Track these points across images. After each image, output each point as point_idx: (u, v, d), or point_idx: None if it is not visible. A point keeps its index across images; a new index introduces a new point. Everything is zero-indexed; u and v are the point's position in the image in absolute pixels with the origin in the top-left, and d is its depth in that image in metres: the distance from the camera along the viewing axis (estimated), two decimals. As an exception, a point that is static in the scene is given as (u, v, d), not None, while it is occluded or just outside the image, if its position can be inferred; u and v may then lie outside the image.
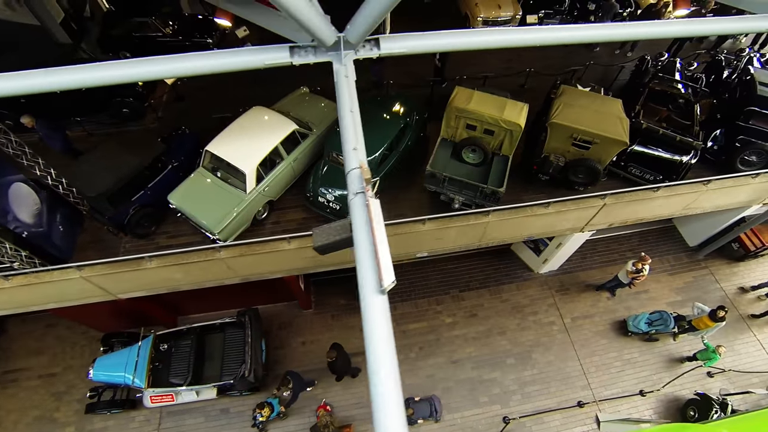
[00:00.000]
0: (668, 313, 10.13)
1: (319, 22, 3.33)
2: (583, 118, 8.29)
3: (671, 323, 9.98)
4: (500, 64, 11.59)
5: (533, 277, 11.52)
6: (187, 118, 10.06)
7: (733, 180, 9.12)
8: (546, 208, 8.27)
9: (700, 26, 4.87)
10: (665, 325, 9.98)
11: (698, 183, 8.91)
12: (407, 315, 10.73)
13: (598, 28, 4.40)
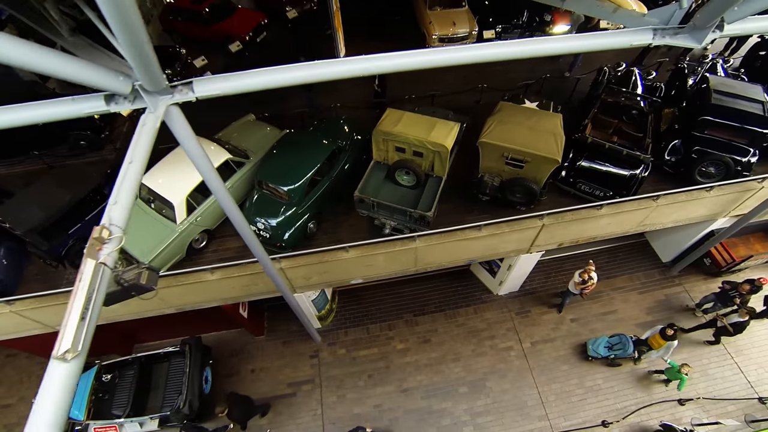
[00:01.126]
0: (627, 337, 9.54)
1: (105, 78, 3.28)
2: (514, 136, 8.03)
3: (630, 347, 9.39)
4: (457, 80, 11.45)
5: (492, 299, 11.10)
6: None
7: (686, 194, 8.61)
8: (478, 231, 7.97)
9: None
10: (624, 349, 9.39)
11: (647, 199, 8.44)
12: (359, 341, 10.47)
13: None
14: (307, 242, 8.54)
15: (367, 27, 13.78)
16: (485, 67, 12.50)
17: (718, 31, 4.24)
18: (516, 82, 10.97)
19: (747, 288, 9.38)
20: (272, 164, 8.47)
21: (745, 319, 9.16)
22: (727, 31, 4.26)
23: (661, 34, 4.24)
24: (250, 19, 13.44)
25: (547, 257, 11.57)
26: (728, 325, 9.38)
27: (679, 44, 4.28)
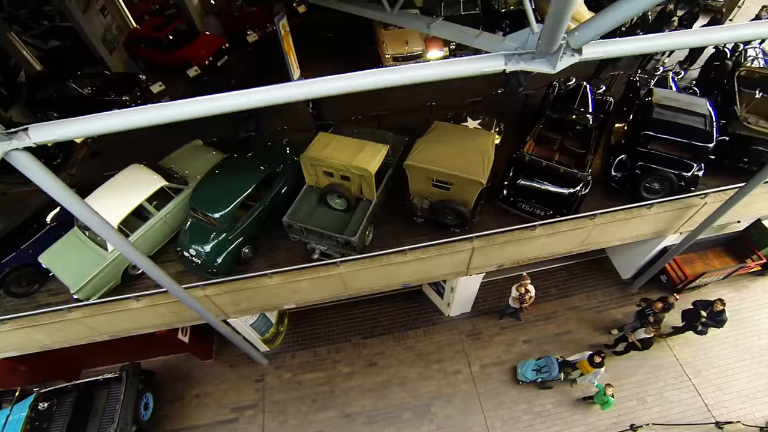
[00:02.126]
0: (553, 359, 9.26)
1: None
2: (440, 158, 7.93)
3: (555, 370, 9.08)
4: (412, 97, 11.44)
5: (444, 320, 10.87)
6: (99, 175, 10.22)
7: (625, 212, 8.37)
8: (404, 256, 7.84)
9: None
10: (550, 372, 9.08)
11: (584, 218, 8.23)
12: (305, 364, 10.32)
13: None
14: (243, 267, 8.50)
15: (326, 48, 13.96)
16: (440, 84, 12.56)
17: (577, 54, 4.14)
18: (467, 99, 10.89)
19: (659, 306, 9.20)
20: (203, 190, 8.50)
21: (651, 335, 9.07)
22: (586, 55, 4.16)
23: (515, 59, 4.15)
24: (211, 44, 13.70)
25: (500, 276, 11.34)
26: (636, 341, 9.27)
27: (534, 69, 4.19)
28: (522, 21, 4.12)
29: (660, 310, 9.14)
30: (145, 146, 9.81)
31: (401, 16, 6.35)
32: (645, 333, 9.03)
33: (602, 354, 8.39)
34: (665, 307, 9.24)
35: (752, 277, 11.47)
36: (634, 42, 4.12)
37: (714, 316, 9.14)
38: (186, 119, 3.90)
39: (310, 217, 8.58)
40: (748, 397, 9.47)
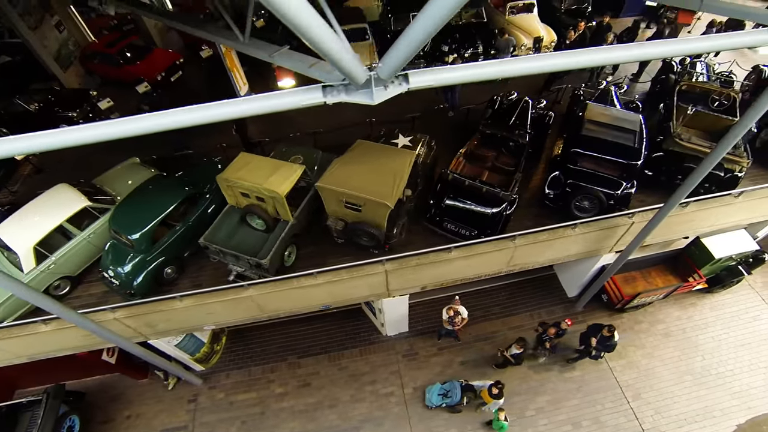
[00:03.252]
0: (456, 383, 9.06)
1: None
2: (351, 179, 7.80)
3: (458, 395, 8.85)
4: (359, 113, 11.31)
5: (381, 340, 10.68)
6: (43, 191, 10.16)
7: (548, 233, 8.15)
8: (314, 279, 7.70)
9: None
10: (453, 397, 8.85)
11: (504, 239, 8.04)
12: (239, 384, 10.16)
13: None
14: (167, 288, 8.42)
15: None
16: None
17: (405, 83, 3.97)
18: (407, 115, 10.77)
19: (553, 332, 9.08)
20: (122, 211, 8.43)
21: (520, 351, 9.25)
22: (415, 84, 4.00)
23: (335, 91, 3.99)
24: (165, 59, 13.74)
25: (442, 294, 11.11)
26: (509, 356, 9.36)
27: (356, 101, 4.02)
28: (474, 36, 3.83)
29: (554, 335, 9.02)
30: (89, 162, 9.89)
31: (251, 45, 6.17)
32: (516, 349, 9.08)
33: (500, 385, 8.20)
34: (558, 333, 9.12)
35: (700, 294, 11.18)
36: (462, 70, 3.95)
37: (603, 341, 8.95)
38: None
39: (231, 237, 8.48)
40: (686, 421, 9.18)
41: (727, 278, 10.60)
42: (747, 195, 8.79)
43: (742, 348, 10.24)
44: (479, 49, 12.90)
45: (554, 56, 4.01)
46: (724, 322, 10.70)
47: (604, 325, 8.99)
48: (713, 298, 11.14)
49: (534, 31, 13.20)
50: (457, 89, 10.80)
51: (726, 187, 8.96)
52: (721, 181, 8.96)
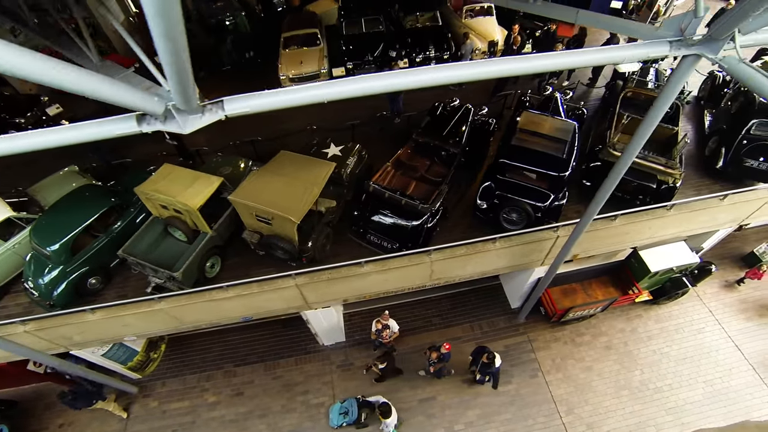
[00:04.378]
0: (353, 400, 8.96)
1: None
2: (263, 192, 7.70)
3: (355, 413, 8.72)
4: (309, 118, 11.24)
5: (318, 349, 10.60)
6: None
7: (467, 248, 7.98)
8: (225, 292, 7.63)
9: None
10: (351, 414, 8.73)
11: (420, 254, 7.88)
12: (173, 392, 10.15)
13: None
14: (90, 299, 8.40)
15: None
16: (332, 106, 12.07)
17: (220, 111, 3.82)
18: (348, 122, 10.63)
19: (435, 356, 8.85)
20: (43, 222, 8.38)
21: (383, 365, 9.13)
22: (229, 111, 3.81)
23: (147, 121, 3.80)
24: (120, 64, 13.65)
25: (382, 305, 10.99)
26: (377, 370, 9.29)
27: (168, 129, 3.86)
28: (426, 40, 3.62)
29: (436, 359, 8.85)
30: (34, 169, 9.69)
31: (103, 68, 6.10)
32: (381, 364, 8.98)
33: (384, 406, 8.09)
34: (440, 357, 8.90)
35: (647, 306, 10.95)
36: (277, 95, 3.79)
37: (484, 368, 8.79)
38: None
39: (154, 248, 8.46)
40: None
41: (672, 290, 10.34)
42: (679, 208, 8.54)
43: (683, 362, 10.00)
44: (431, 54, 12.68)
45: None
46: (668, 334, 10.46)
47: (486, 350, 8.78)
48: (660, 310, 10.90)
49: (488, 35, 12.93)
50: (401, 95, 10.59)
51: (662, 199, 8.73)
52: (656, 192, 8.73)
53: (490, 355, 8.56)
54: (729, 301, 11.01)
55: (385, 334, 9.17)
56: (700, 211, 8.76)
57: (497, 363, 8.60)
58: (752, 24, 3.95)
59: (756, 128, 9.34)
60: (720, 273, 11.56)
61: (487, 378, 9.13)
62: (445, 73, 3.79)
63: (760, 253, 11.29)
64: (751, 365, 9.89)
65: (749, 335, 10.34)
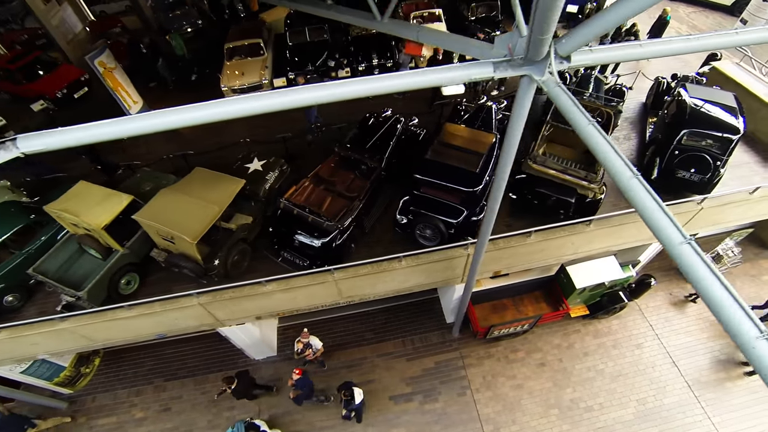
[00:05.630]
0: (241, 423, 8.78)
1: None
2: (167, 210, 7.65)
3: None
4: (249, 129, 11.18)
5: (249, 363, 10.51)
6: None
7: (373, 266, 7.82)
8: (129, 311, 7.57)
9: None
10: None
11: (323, 273, 7.75)
12: (102, 408, 10.12)
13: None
14: (11, 315, 8.40)
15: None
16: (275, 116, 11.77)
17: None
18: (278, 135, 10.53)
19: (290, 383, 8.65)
20: (-43, 239, 8.41)
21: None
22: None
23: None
24: (68, 75, 13.74)
25: (317, 318, 10.90)
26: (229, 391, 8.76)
27: None
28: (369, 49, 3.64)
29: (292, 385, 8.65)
30: None
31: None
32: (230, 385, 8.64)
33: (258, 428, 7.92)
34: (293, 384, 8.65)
35: (586, 321, 10.67)
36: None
37: (347, 404, 8.52)
38: None
39: (69, 265, 8.46)
40: (541, 460, 8.77)
41: (609, 305, 10.07)
42: (599, 223, 8.30)
43: (617, 379, 9.74)
44: (374, 63, 12.53)
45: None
46: (606, 350, 10.20)
47: (347, 385, 8.56)
48: (600, 325, 10.62)
49: (434, 42, 12.72)
50: (313, 108, 10.40)
51: (585, 213, 8.49)
52: (579, 206, 8.48)
53: (347, 392, 8.34)
54: (671, 314, 10.70)
55: (308, 353, 9.04)
56: (624, 225, 8.51)
57: (357, 399, 8.29)
58: (565, 46, 3.80)
59: (687, 138, 9.07)
60: (665, 285, 11.27)
61: (353, 413, 8.77)
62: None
63: (706, 265, 10.93)
64: (687, 382, 9.60)
65: (687, 351, 10.04)
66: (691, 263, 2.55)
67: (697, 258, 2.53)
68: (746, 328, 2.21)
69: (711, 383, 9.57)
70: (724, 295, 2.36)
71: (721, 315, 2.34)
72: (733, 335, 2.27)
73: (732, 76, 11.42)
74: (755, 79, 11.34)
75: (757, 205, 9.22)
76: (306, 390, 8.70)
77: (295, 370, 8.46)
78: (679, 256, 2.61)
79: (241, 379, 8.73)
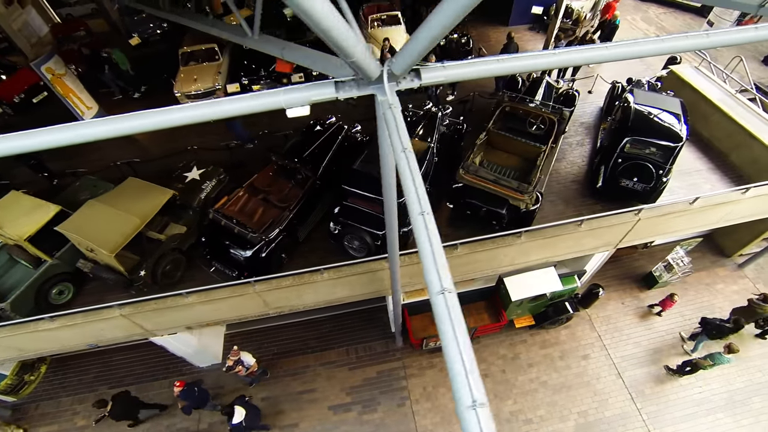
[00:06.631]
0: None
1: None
2: (90, 222, 7.62)
3: None
4: (199, 137, 11.12)
5: (193, 371, 10.49)
6: None
7: (295, 278, 7.72)
8: (51, 323, 7.57)
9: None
10: None
11: (244, 284, 7.68)
12: (44, 416, 10.14)
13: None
14: None
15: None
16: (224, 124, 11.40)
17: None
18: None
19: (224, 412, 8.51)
20: None
21: None
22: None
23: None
24: (27, 79, 13.72)
25: (266, 325, 10.85)
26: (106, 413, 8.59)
27: None
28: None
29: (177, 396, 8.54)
30: None
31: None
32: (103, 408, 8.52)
33: None
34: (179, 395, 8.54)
35: (533, 331, 10.52)
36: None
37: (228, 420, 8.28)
38: None
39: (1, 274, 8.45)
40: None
41: (554, 315, 9.91)
42: (532, 235, 8.15)
43: (561, 390, 9.59)
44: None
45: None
46: (551, 362, 10.05)
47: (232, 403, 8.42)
48: (548, 335, 10.47)
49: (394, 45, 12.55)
50: (235, 120, 10.28)
51: (520, 224, 8.33)
52: (512, 218, 8.32)
53: (225, 409, 8.25)
54: (622, 324, 10.52)
55: (239, 370, 8.96)
56: (560, 237, 8.35)
57: (235, 419, 8.01)
58: (396, 65, 3.68)
59: (630, 146, 8.88)
60: (618, 295, 11.09)
61: None
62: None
63: (657, 274, 10.74)
64: (630, 394, 9.43)
65: (634, 362, 9.87)
66: (440, 314, 2.45)
67: (446, 312, 2.42)
68: (463, 395, 2.12)
69: (654, 395, 9.40)
70: (456, 356, 2.28)
71: (451, 373, 2.25)
72: (455, 397, 2.18)
73: (689, 81, 11.18)
74: (712, 84, 11.09)
75: (703, 215, 9.00)
76: (192, 401, 8.57)
77: (176, 383, 8.40)
78: (434, 304, 2.51)
79: (117, 402, 8.60)
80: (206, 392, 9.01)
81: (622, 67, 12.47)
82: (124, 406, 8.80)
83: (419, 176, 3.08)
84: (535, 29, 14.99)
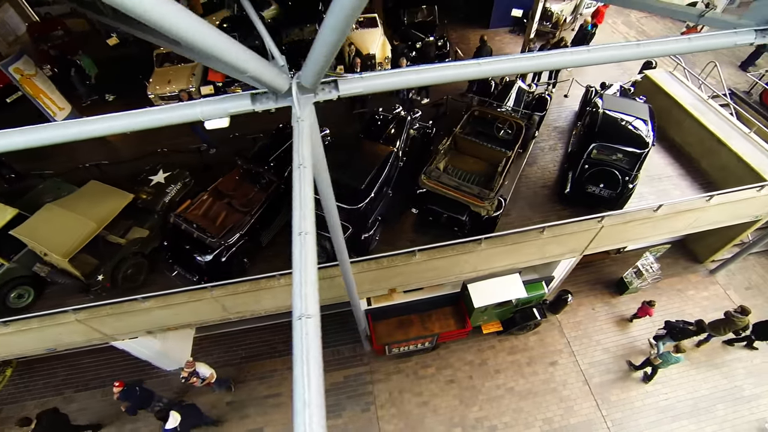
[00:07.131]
0: None
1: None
2: (45, 226, 7.58)
3: None
4: (170, 139, 11.06)
5: (160, 374, 10.44)
6: None
7: (252, 284, 7.68)
8: (6, 327, 7.52)
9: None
10: None
11: (202, 290, 7.63)
12: (8, 420, 10.05)
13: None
14: None
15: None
16: None
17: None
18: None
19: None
20: None
21: None
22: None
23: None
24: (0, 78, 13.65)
25: (236, 328, 10.81)
26: None
27: None
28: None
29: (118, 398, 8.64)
30: None
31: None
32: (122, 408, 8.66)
33: None
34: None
35: (501, 337, 10.48)
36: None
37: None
38: None
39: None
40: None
41: (522, 321, 9.86)
42: (493, 242, 8.10)
43: (527, 397, 9.55)
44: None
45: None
46: (519, 368, 10.00)
47: (172, 408, 8.40)
48: (517, 341, 10.43)
49: (365, 48, 12.52)
50: (198, 125, 10.20)
51: (482, 230, 8.28)
52: (474, 224, 8.27)
53: (159, 414, 8.23)
54: (591, 331, 10.48)
55: (194, 381, 8.87)
56: (522, 243, 8.30)
57: (169, 424, 7.85)
58: (304, 77, 3.63)
59: (597, 152, 8.83)
60: (589, 301, 11.04)
61: None
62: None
63: (628, 280, 10.70)
64: (596, 401, 9.39)
65: (601, 369, 9.83)
66: (297, 340, 2.41)
67: (300, 338, 2.40)
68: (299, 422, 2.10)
69: (620, 402, 9.36)
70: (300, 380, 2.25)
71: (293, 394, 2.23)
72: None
73: (662, 86, 11.13)
74: (685, 89, 11.03)
75: (668, 222, 8.95)
76: (135, 401, 8.51)
77: (115, 383, 8.41)
78: (293, 328, 2.47)
79: (43, 420, 8.38)
80: (149, 392, 8.94)
81: (599, 71, 12.43)
82: (52, 424, 8.50)
83: (310, 194, 3.03)
84: (515, 32, 14.94)
